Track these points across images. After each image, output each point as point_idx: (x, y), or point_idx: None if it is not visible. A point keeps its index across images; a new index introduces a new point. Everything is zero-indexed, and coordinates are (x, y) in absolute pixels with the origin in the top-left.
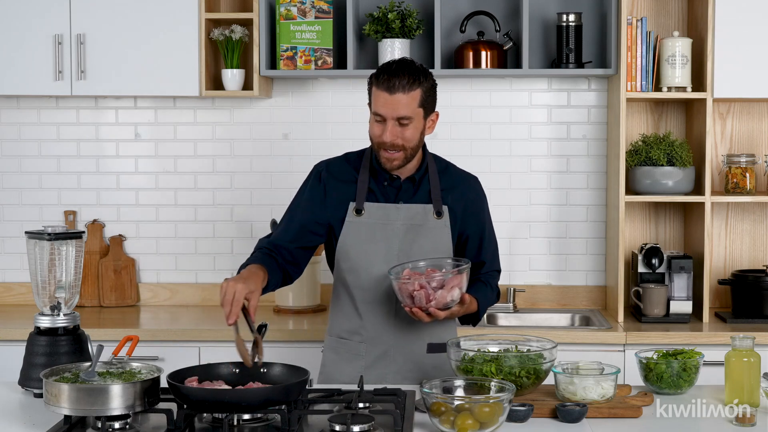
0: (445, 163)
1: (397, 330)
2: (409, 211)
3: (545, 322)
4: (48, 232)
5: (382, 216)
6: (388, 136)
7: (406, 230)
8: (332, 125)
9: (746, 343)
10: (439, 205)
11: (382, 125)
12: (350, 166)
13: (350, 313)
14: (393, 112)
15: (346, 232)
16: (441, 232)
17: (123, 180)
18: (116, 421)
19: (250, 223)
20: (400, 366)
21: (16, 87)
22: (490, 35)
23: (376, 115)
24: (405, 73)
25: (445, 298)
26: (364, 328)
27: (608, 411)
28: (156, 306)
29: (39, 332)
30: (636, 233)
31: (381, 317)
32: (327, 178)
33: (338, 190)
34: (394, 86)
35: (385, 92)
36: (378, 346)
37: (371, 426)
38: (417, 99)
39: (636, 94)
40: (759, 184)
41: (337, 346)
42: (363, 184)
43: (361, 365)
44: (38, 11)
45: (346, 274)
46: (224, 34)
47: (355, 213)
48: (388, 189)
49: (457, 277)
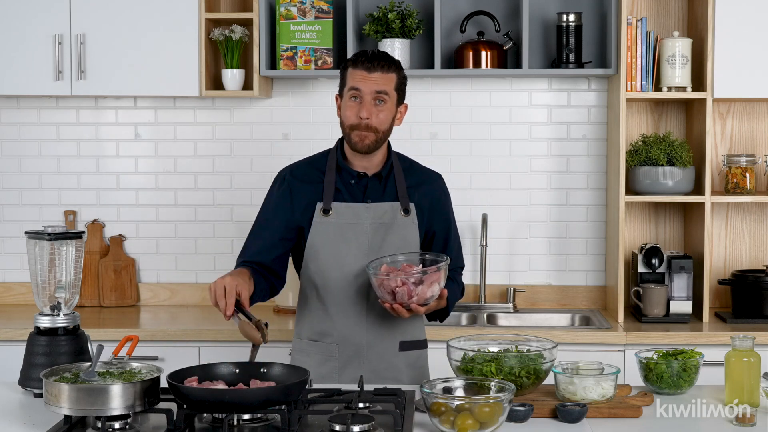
0: (408, 161)
1: (369, 329)
2: (377, 209)
3: (545, 322)
4: (48, 232)
5: (351, 216)
6: (364, 112)
7: (375, 229)
8: (332, 125)
9: (746, 343)
10: (406, 203)
11: (357, 103)
12: (314, 167)
13: (320, 314)
14: (373, 86)
15: (315, 233)
16: (409, 229)
17: (123, 180)
18: (116, 421)
19: (250, 223)
20: (374, 365)
21: (16, 87)
22: (490, 35)
23: (353, 89)
24: (382, 59)
25: (426, 293)
26: (336, 329)
27: (608, 411)
28: (156, 306)
29: (39, 332)
30: (636, 233)
31: (353, 317)
32: (291, 182)
33: (304, 192)
34: (373, 66)
35: (364, 71)
36: (350, 346)
37: (371, 426)
38: (393, 81)
39: (636, 94)
40: (759, 184)
41: (307, 349)
42: (330, 184)
43: (334, 366)
44: (38, 11)
45: (314, 276)
46: (224, 34)
47: (322, 213)
48: (355, 187)
49: (436, 273)
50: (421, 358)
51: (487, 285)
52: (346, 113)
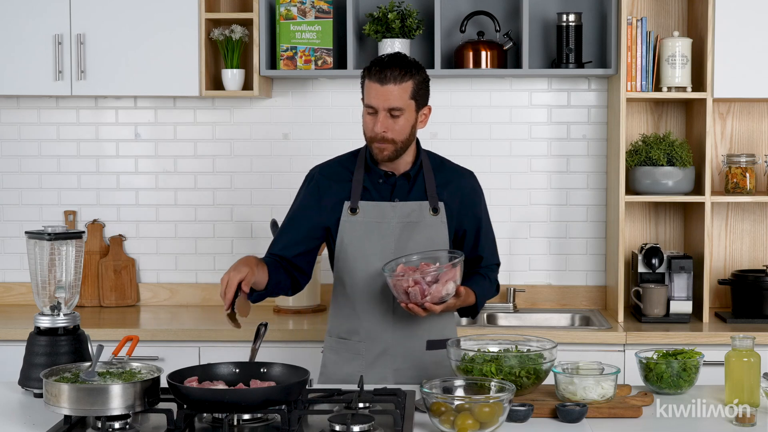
0: (439, 159)
1: (395, 327)
2: (404, 208)
3: (545, 322)
4: (48, 232)
5: (377, 214)
6: (379, 127)
7: (402, 228)
8: (332, 125)
9: (746, 343)
10: (435, 202)
11: (373, 117)
12: (343, 166)
13: (349, 312)
14: (384, 102)
15: (343, 232)
16: (437, 228)
17: (123, 180)
18: (116, 421)
19: (250, 223)
20: (399, 364)
21: (16, 87)
22: (490, 35)
23: (368, 107)
24: (396, 66)
25: (440, 292)
26: (363, 326)
27: (608, 411)
28: (156, 306)
29: (39, 332)
30: (636, 233)
31: (379, 315)
32: (320, 180)
33: (333, 191)
34: (386, 77)
35: (377, 83)
36: (377, 344)
37: (371, 426)
38: (408, 91)
39: (636, 94)
40: (759, 184)
41: (336, 347)
42: (357, 183)
43: (361, 364)
44: (38, 11)
45: (343, 274)
46: (224, 34)
47: (350, 212)
48: (383, 186)
49: (451, 270)
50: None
51: None
52: (365, 125)
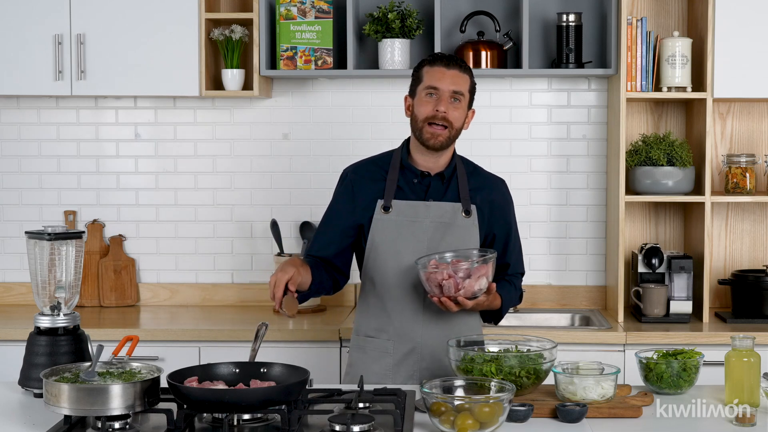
0: (472, 164)
1: (424, 326)
2: (438, 209)
3: (545, 322)
4: (48, 232)
5: (411, 213)
6: (442, 106)
7: (434, 228)
8: (332, 125)
9: (746, 343)
10: (467, 204)
11: (433, 101)
12: (377, 165)
13: (378, 310)
14: (450, 84)
15: (375, 230)
16: (469, 230)
17: (123, 180)
18: (116, 421)
19: (250, 223)
20: (428, 363)
21: (16, 87)
22: (490, 35)
23: (430, 88)
24: (459, 60)
25: (473, 287)
26: (392, 325)
27: (608, 411)
28: (156, 306)
29: (39, 332)
30: (636, 233)
31: (409, 314)
32: (354, 180)
33: (367, 190)
34: (451, 63)
35: (443, 67)
36: (406, 343)
37: (371, 426)
38: (468, 83)
39: (636, 94)
40: (759, 184)
41: (364, 345)
42: (392, 182)
43: (389, 363)
44: (38, 11)
45: (373, 272)
46: (224, 34)
47: (383, 210)
48: (417, 187)
49: (483, 266)
50: None
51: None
52: (421, 108)
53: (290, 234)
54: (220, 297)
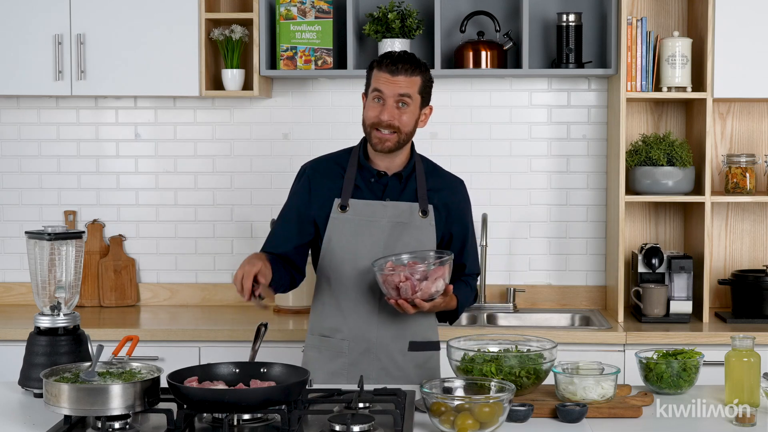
0: (432, 164)
1: (380, 327)
2: (395, 208)
3: (545, 322)
4: (48, 232)
5: (367, 213)
6: (386, 115)
7: (391, 227)
8: (332, 125)
9: (746, 343)
10: (425, 204)
11: (379, 106)
12: (336, 163)
13: (333, 310)
14: (395, 89)
15: (331, 228)
16: (426, 230)
17: (123, 180)
18: (116, 421)
19: (250, 223)
20: (383, 364)
21: (16, 87)
22: (490, 35)
23: (376, 91)
24: (407, 61)
25: (430, 289)
26: (347, 325)
27: (608, 411)
28: (156, 306)
29: (39, 332)
30: (636, 233)
31: (364, 314)
32: (312, 176)
33: (324, 187)
34: (398, 69)
35: (387, 73)
36: (361, 343)
37: (371, 426)
38: (417, 84)
39: (636, 94)
40: (759, 184)
41: (319, 344)
42: (349, 181)
43: (344, 362)
44: (38, 11)
45: (329, 271)
46: (224, 34)
47: (339, 209)
48: (374, 185)
49: (440, 268)
50: (433, 359)
51: (487, 285)
52: (368, 113)
53: None
54: (220, 297)
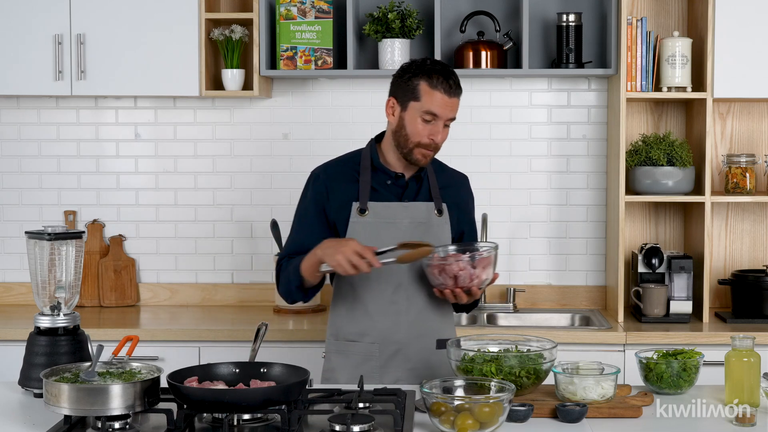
0: (438, 162)
1: (409, 328)
2: (414, 209)
3: (545, 322)
4: (48, 232)
5: (387, 215)
6: (440, 138)
7: (413, 228)
8: (332, 125)
9: (746, 343)
10: (439, 203)
11: (430, 125)
12: (347, 167)
13: (359, 314)
14: (450, 113)
15: (352, 232)
16: (442, 229)
17: (123, 180)
18: (116, 421)
19: (250, 223)
20: (413, 364)
21: (16, 87)
22: (490, 35)
23: (429, 114)
24: (456, 78)
25: (482, 276)
26: (376, 328)
27: (608, 411)
28: (156, 306)
29: (39, 332)
30: (636, 233)
31: (392, 316)
32: (326, 180)
33: (340, 191)
34: (452, 88)
35: (444, 94)
36: (391, 345)
37: (371, 426)
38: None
39: (636, 94)
40: (759, 184)
41: (345, 349)
42: (365, 184)
43: (374, 366)
44: (38, 11)
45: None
46: (224, 34)
47: (358, 213)
48: (391, 187)
49: (489, 257)
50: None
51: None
52: (416, 130)
53: None
54: (220, 297)
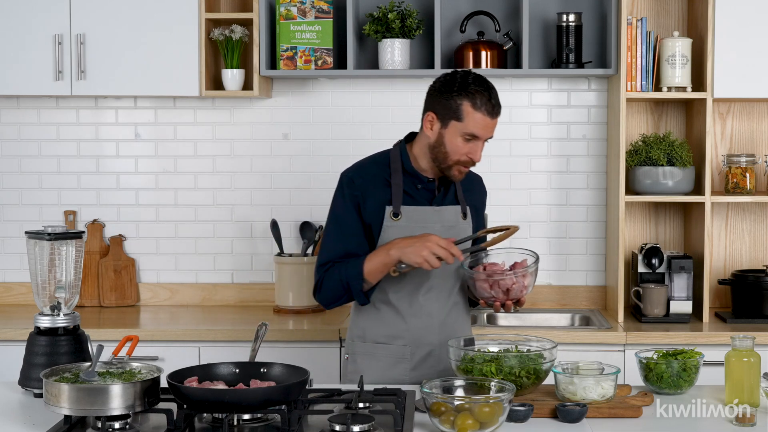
0: None
1: (441, 330)
2: (445, 213)
3: (545, 322)
4: (48, 232)
5: (420, 219)
6: (479, 156)
7: (444, 232)
8: (332, 125)
9: (746, 343)
10: (464, 207)
11: (470, 144)
12: (378, 169)
13: (391, 317)
14: (490, 132)
15: (385, 236)
16: (467, 232)
17: (123, 180)
18: (116, 421)
19: (250, 223)
20: (445, 364)
21: (16, 87)
22: (490, 35)
23: (470, 135)
24: (495, 94)
25: (529, 287)
26: (409, 331)
27: (608, 411)
28: (156, 306)
29: (39, 332)
30: (636, 233)
31: (425, 318)
32: (361, 184)
33: (373, 194)
34: (494, 108)
35: (487, 116)
36: (423, 347)
37: (371, 426)
38: None
39: (636, 94)
40: (759, 184)
41: (374, 352)
42: (398, 188)
43: (405, 368)
44: (38, 11)
45: (385, 278)
46: (224, 34)
47: (392, 217)
48: (421, 192)
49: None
50: None
51: None
52: (456, 149)
53: (290, 234)
54: (220, 297)
